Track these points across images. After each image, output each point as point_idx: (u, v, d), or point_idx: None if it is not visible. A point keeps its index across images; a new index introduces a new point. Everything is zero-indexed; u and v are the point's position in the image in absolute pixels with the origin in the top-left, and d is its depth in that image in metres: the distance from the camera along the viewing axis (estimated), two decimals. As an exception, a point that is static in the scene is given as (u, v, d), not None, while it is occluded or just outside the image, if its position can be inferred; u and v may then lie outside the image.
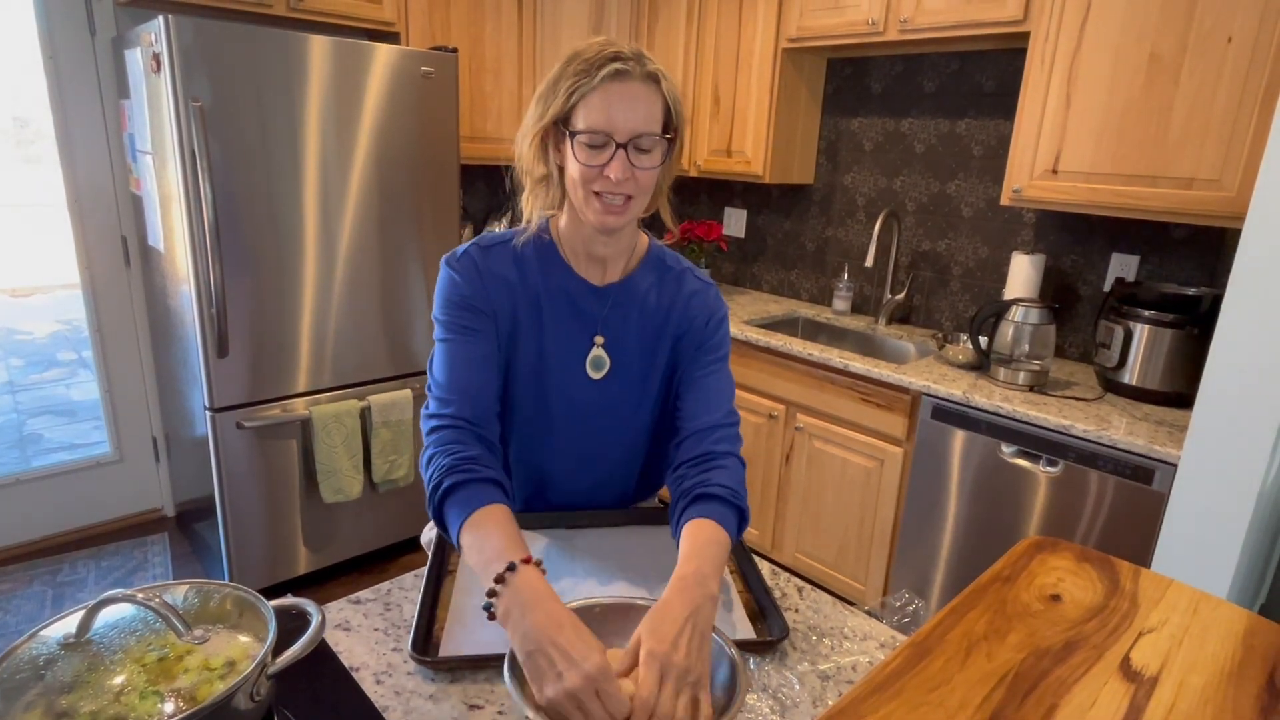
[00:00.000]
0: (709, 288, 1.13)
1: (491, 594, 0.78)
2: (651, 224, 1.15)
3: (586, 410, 1.11)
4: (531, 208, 1.05)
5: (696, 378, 1.09)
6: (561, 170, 0.99)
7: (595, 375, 1.09)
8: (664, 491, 1.12)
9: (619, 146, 0.91)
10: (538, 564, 0.81)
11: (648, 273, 1.10)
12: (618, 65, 0.90)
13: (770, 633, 0.93)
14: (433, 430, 0.99)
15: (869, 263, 2.59)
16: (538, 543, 1.11)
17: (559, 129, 0.95)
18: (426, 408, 1.03)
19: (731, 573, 1.07)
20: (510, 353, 1.07)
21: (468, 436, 0.98)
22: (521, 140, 0.99)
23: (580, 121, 0.92)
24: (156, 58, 2.01)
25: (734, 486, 0.98)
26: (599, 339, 1.08)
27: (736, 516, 0.97)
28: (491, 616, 0.78)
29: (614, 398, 1.11)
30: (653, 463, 1.22)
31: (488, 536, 0.85)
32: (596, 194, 0.95)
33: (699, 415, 1.06)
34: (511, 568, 0.78)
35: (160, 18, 1.94)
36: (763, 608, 0.98)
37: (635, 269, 1.09)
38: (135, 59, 2.20)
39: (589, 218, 0.97)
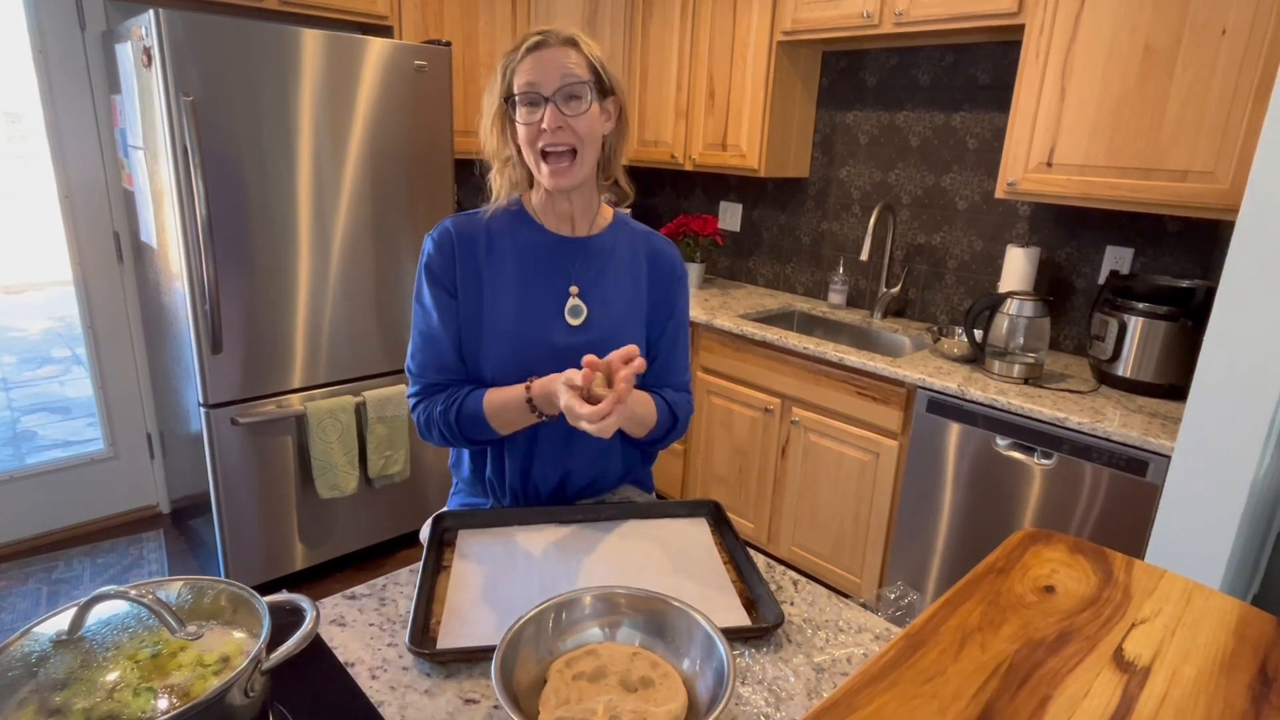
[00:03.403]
0: (672, 246, 1.27)
1: (537, 412, 1.08)
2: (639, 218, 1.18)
3: (570, 356, 1.13)
4: (500, 185, 1.17)
5: (654, 340, 1.24)
6: (520, 150, 1.11)
7: (574, 322, 1.18)
8: (659, 487, 1.13)
9: (547, 100, 1.04)
10: (530, 384, 1.08)
11: (614, 233, 1.22)
12: (536, 38, 1.06)
13: (765, 620, 0.93)
14: (414, 406, 1.19)
15: (864, 256, 2.59)
16: (532, 538, 1.11)
17: (506, 106, 1.08)
18: (408, 387, 1.21)
19: (725, 564, 1.07)
20: (485, 311, 1.15)
21: (436, 391, 1.18)
22: (484, 129, 1.13)
23: (516, 88, 1.06)
24: (147, 52, 2.00)
25: (680, 417, 1.22)
26: (574, 289, 1.17)
27: (670, 423, 1.21)
28: (539, 415, 1.09)
29: (597, 341, 1.16)
30: None
31: (501, 399, 1.11)
32: (544, 155, 1.07)
33: (661, 379, 1.24)
34: (529, 396, 1.08)
35: (150, 11, 1.92)
36: (757, 597, 0.98)
37: (604, 230, 1.22)
38: (126, 53, 2.18)
39: (544, 181, 1.10)
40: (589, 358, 0.97)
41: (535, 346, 1.15)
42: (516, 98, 1.05)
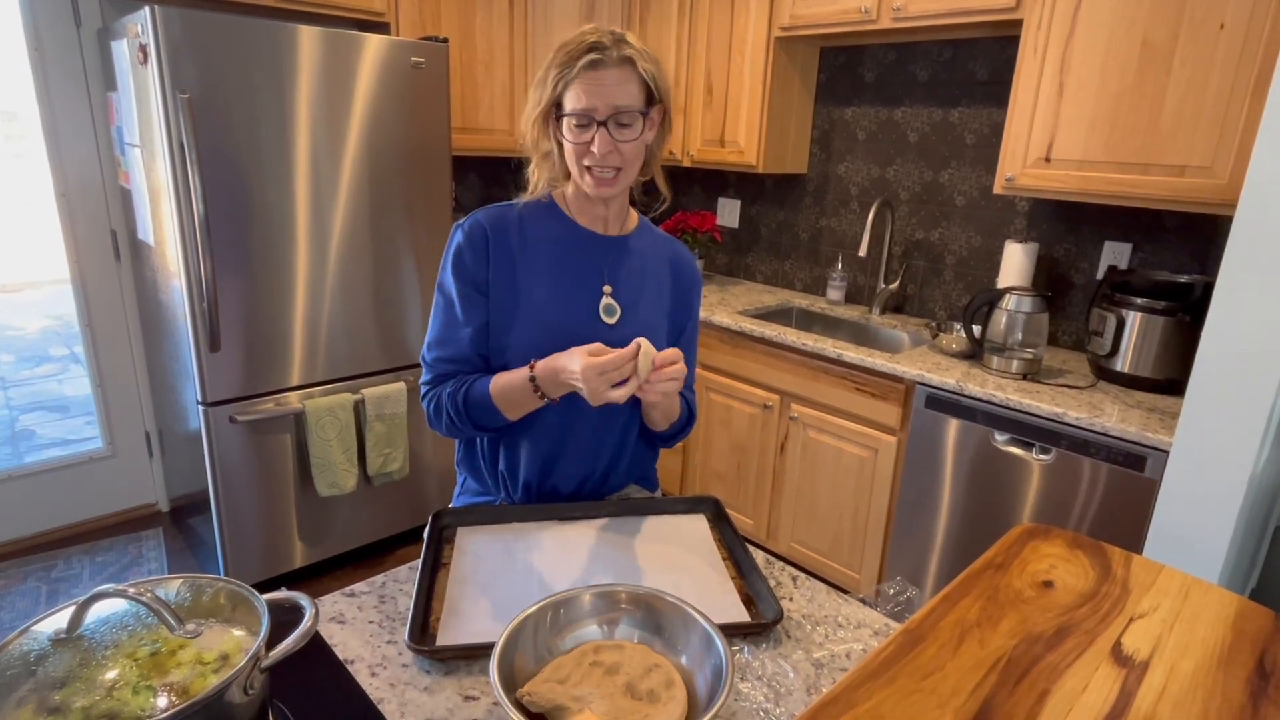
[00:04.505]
0: (690, 254, 1.32)
1: (539, 393, 1.09)
2: (647, 210, 1.27)
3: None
4: (538, 177, 1.18)
5: (673, 342, 1.26)
6: (561, 146, 1.12)
7: (609, 321, 1.19)
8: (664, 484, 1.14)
9: (600, 124, 1.04)
10: (533, 364, 1.10)
11: (640, 235, 1.25)
12: (593, 55, 1.03)
13: (764, 616, 0.93)
14: (425, 394, 1.20)
15: (863, 252, 2.59)
16: (531, 535, 1.11)
17: (555, 121, 1.09)
18: (421, 375, 1.22)
19: (725, 560, 1.07)
20: (520, 301, 1.16)
21: (447, 379, 1.19)
22: (526, 121, 1.13)
23: (567, 105, 1.06)
24: (143, 49, 1.99)
25: (694, 414, 1.29)
26: (607, 288, 1.19)
27: (687, 419, 1.27)
28: (541, 396, 1.10)
29: (628, 340, 1.13)
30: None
31: (507, 380, 1.12)
32: (588, 168, 1.08)
33: None
34: (532, 374, 1.09)
35: (146, 8, 1.92)
36: (756, 593, 0.98)
37: (632, 231, 1.24)
38: (122, 50, 2.18)
39: (585, 189, 1.12)
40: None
41: (567, 340, 1.13)
42: (567, 116, 1.06)
